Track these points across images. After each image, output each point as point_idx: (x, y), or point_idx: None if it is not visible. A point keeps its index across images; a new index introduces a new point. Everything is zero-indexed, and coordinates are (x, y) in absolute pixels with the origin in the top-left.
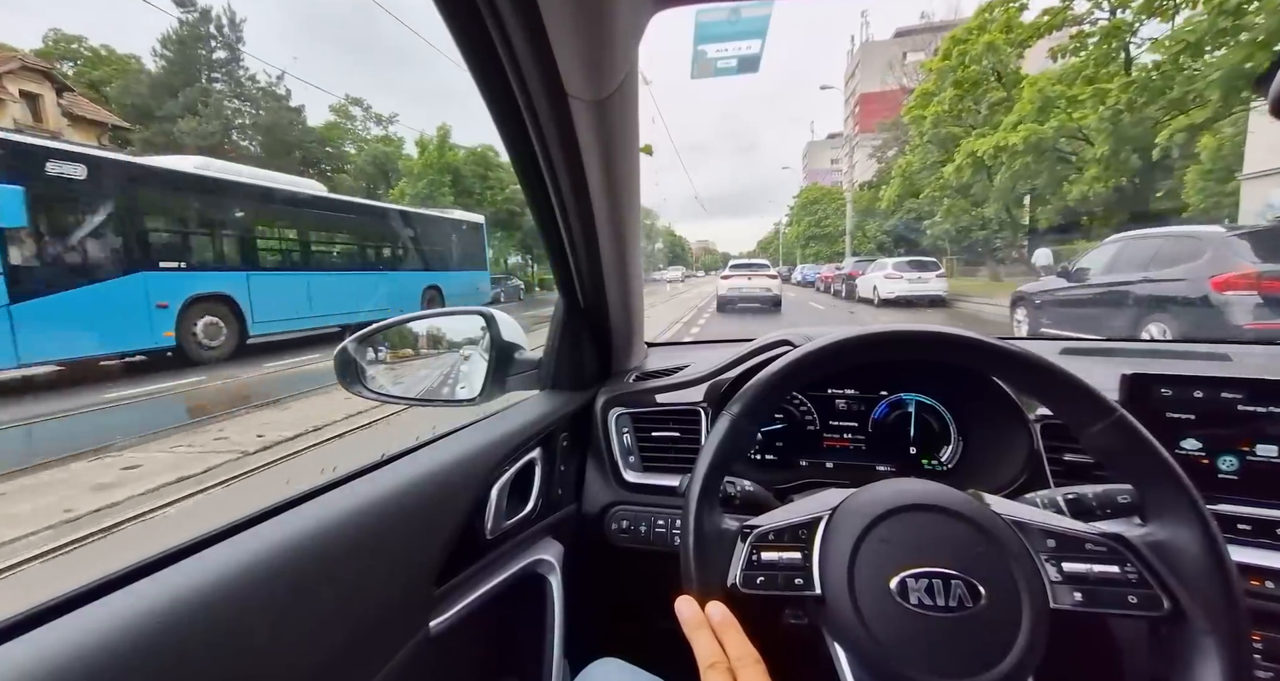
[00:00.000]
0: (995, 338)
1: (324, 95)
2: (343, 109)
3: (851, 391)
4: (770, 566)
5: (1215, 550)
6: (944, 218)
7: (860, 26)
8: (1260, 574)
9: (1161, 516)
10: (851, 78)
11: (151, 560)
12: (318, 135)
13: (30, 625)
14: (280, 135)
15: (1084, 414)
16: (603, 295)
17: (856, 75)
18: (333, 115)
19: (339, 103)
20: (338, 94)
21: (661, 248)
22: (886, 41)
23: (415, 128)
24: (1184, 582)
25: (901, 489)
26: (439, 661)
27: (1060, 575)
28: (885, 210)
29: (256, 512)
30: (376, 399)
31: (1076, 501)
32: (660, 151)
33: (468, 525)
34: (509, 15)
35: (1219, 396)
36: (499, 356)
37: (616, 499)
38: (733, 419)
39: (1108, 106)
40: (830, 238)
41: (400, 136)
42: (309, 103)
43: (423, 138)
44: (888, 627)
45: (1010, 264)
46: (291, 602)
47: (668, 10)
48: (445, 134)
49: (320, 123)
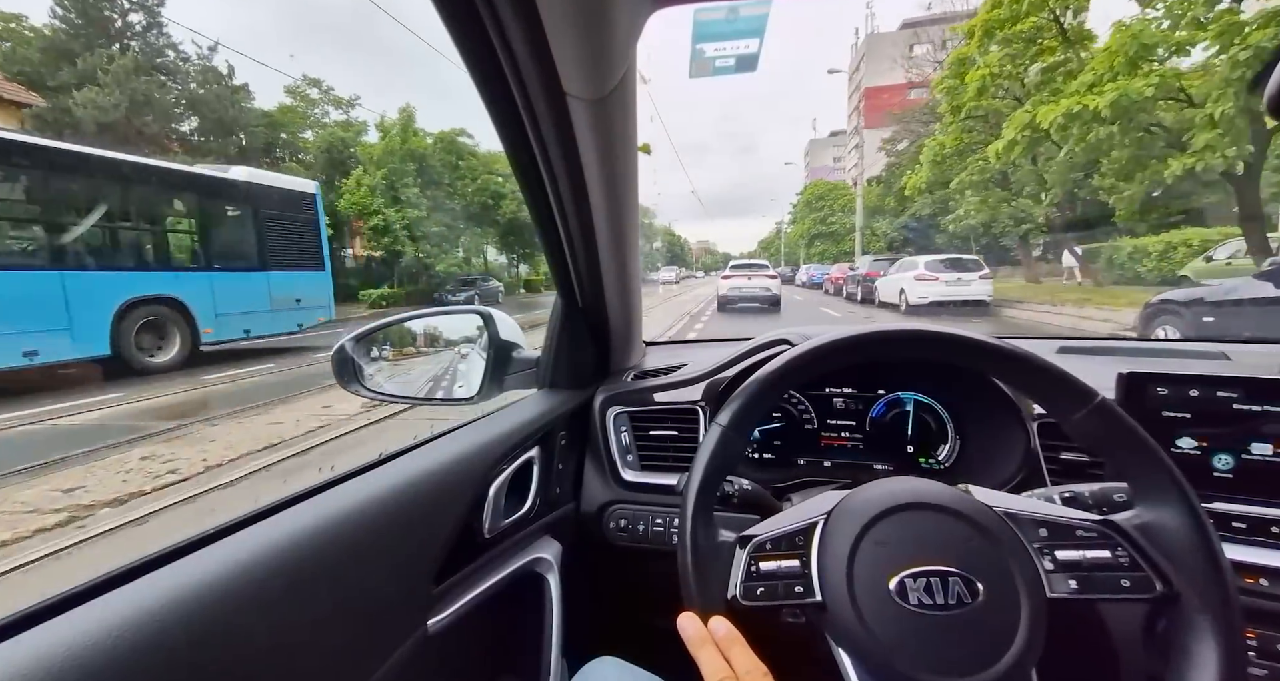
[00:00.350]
0: (985, 335)
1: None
2: (298, 90)
3: (849, 390)
4: (769, 576)
5: (1200, 528)
6: (976, 210)
7: (865, 18)
8: (1255, 571)
9: (1146, 498)
10: (856, 71)
11: (149, 559)
12: (269, 118)
13: (26, 624)
14: (212, 114)
15: (1066, 402)
16: (601, 294)
17: (861, 68)
18: (289, 98)
19: (294, 83)
20: (292, 74)
21: (660, 247)
22: (893, 33)
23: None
24: (1173, 562)
25: (893, 489)
26: (437, 660)
27: (1054, 564)
28: (894, 208)
29: (254, 512)
30: (374, 398)
31: (1073, 500)
32: (659, 151)
33: (466, 524)
34: (507, 14)
35: (1214, 395)
36: (497, 355)
37: (615, 498)
38: (723, 430)
39: (1243, 45)
40: (836, 236)
41: (363, 121)
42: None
43: (384, 121)
44: (890, 630)
45: (1051, 262)
46: (289, 601)
47: (666, 9)
48: (409, 116)
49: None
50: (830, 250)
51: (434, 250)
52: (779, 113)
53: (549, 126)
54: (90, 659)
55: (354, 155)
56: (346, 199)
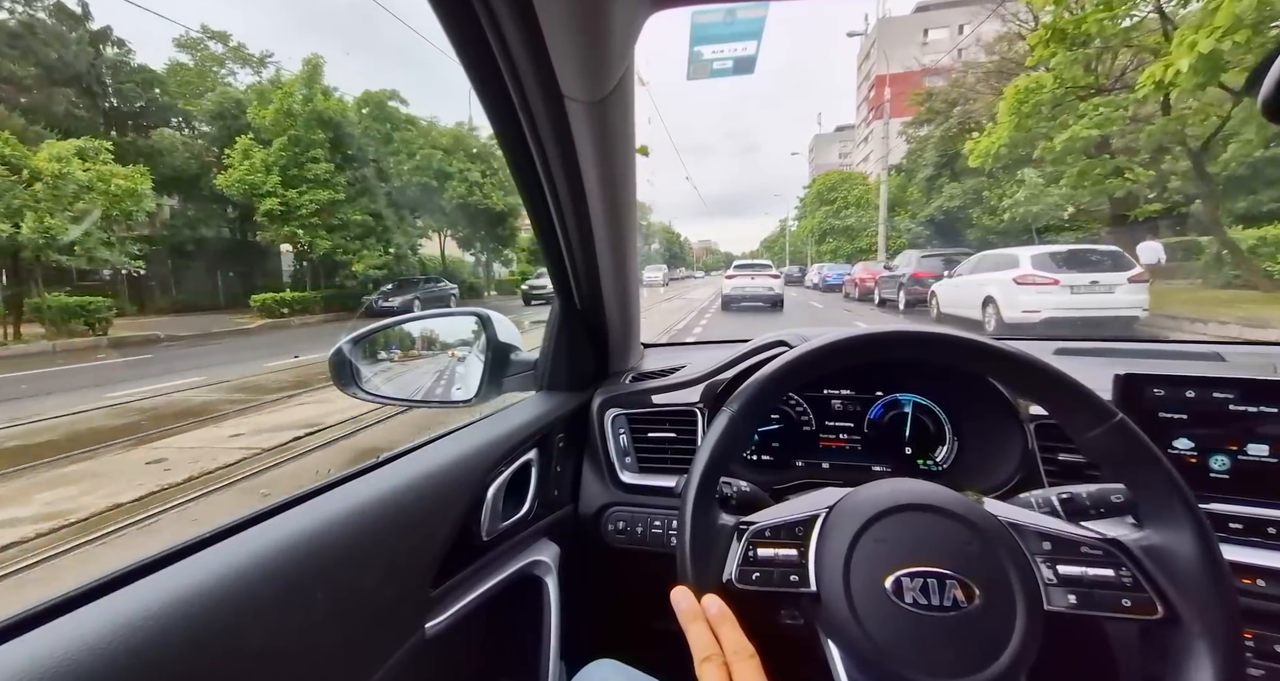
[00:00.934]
0: (992, 339)
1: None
2: (195, 44)
3: (847, 392)
4: (766, 562)
5: (1212, 556)
6: (1073, 184)
7: (876, 2)
8: (1251, 572)
9: (1158, 521)
10: (866, 59)
11: (147, 562)
12: (149, 77)
13: (25, 627)
14: (48, 61)
15: (1083, 418)
16: (599, 295)
17: (872, 56)
18: (184, 55)
19: (190, 35)
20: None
21: (659, 248)
22: (906, 17)
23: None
24: (1179, 588)
25: (899, 488)
26: (435, 663)
27: (1055, 577)
28: (918, 199)
29: (252, 514)
30: (372, 400)
31: (1070, 501)
32: (658, 151)
33: (464, 526)
34: (505, 16)
35: (1211, 396)
36: (495, 357)
37: (613, 500)
38: (731, 416)
39: None
40: (851, 232)
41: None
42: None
43: (279, 78)
44: (882, 626)
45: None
46: (287, 604)
47: (663, 12)
48: (314, 69)
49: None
50: (843, 247)
51: (353, 244)
52: (782, 112)
53: (547, 129)
54: (88, 662)
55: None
56: (231, 175)
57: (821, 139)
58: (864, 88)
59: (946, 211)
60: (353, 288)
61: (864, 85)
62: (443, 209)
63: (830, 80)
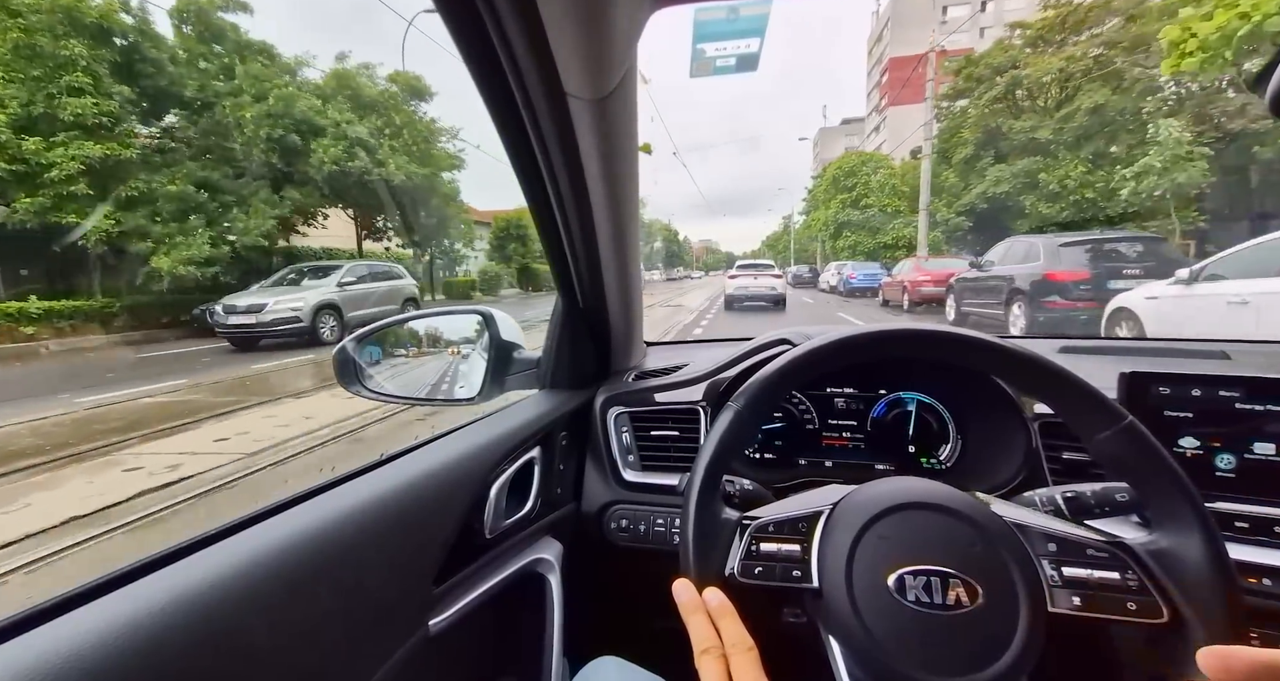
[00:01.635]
0: (999, 337)
1: None
2: None
3: (850, 390)
4: (769, 557)
5: (1220, 562)
6: None
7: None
8: (1257, 572)
9: (1165, 525)
10: (878, 42)
11: (149, 560)
12: None
13: (27, 626)
14: None
15: (1092, 419)
16: (601, 294)
17: (885, 37)
18: None
19: None
20: None
21: (660, 248)
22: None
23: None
24: (1185, 592)
25: (904, 487)
26: (438, 661)
27: (1060, 579)
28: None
29: (254, 512)
30: (376, 398)
31: (1075, 500)
32: (659, 151)
33: (466, 524)
34: (508, 14)
35: (1216, 394)
36: (498, 355)
37: (615, 498)
38: (736, 412)
39: None
40: (871, 227)
41: None
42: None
43: None
44: (884, 623)
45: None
46: (290, 602)
47: (666, 9)
48: None
49: None
50: (865, 242)
51: (158, 227)
52: (783, 110)
53: (549, 126)
54: (93, 659)
55: None
56: None
57: (827, 132)
58: (875, 73)
59: (990, 198)
60: (164, 294)
61: (875, 70)
62: (310, 179)
63: (835, 75)
